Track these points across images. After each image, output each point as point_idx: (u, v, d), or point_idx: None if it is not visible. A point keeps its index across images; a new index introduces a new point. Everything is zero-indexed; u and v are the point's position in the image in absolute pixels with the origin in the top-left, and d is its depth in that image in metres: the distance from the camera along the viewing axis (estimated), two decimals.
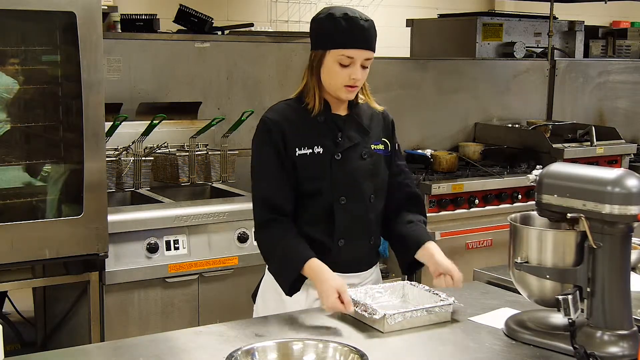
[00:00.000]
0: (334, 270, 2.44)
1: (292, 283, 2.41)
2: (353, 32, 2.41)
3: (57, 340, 3.94)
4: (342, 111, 2.54)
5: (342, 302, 2.27)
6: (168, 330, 2.26)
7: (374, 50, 2.47)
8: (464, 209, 4.52)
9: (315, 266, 2.37)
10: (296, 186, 2.47)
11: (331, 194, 2.47)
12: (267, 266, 2.57)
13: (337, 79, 2.44)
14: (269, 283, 2.58)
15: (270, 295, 2.58)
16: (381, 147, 2.58)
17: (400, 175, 2.65)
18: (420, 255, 2.52)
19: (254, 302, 2.66)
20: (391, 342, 2.17)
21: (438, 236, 4.39)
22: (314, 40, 2.49)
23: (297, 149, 2.46)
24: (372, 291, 2.43)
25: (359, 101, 2.58)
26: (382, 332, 2.21)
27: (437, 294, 2.37)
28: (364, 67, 2.45)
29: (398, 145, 2.68)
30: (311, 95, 2.49)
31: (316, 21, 2.49)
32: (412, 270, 2.63)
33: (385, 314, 2.20)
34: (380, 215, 2.60)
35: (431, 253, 2.49)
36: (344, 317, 2.33)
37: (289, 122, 2.48)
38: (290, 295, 2.45)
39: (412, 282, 2.51)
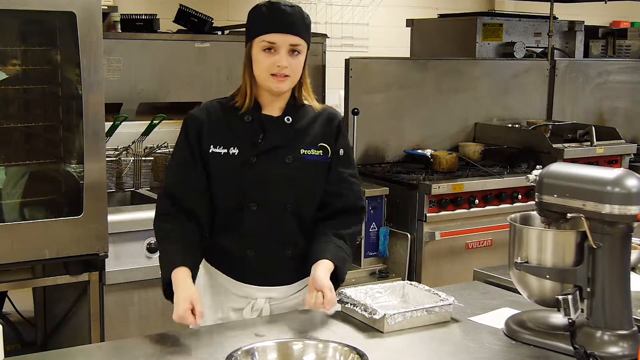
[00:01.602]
0: (245, 282, 2.39)
1: (165, 287, 2.30)
2: (273, 16, 2.31)
3: (57, 340, 3.93)
4: (275, 112, 2.40)
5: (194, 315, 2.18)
6: (168, 330, 2.26)
7: (302, 37, 2.33)
8: (464, 209, 4.51)
9: (177, 276, 2.26)
10: (209, 187, 2.37)
11: (242, 199, 2.34)
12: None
13: (262, 68, 2.32)
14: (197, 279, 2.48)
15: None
16: (316, 152, 2.40)
17: (341, 184, 2.44)
18: (311, 269, 2.33)
19: None
20: (391, 342, 2.17)
21: (438, 236, 4.39)
22: (246, 37, 2.39)
23: (211, 146, 2.35)
24: (372, 291, 2.43)
25: (304, 103, 2.44)
26: (382, 332, 2.21)
27: (437, 294, 2.37)
28: (293, 55, 2.32)
29: (345, 151, 2.47)
30: (242, 92, 2.39)
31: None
32: None
33: (385, 314, 2.20)
34: (306, 224, 2.42)
35: (316, 267, 2.31)
36: (344, 317, 2.33)
37: (211, 119, 2.38)
38: (167, 298, 2.31)
39: (412, 282, 2.51)
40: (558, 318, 2.12)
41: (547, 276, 2.09)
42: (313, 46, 4.85)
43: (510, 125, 5.61)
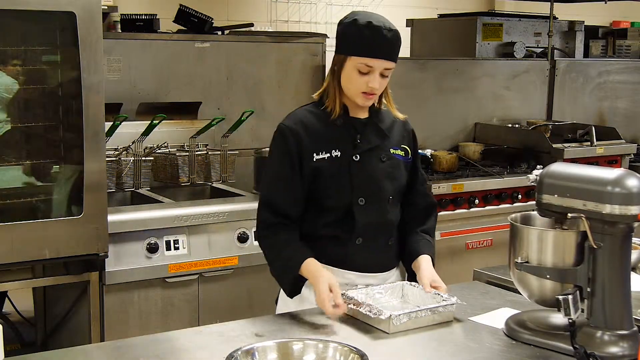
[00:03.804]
0: (348, 269, 2.50)
1: (291, 285, 2.45)
2: (374, 41, 2.40)
3: (57, 340, 3.93)
4: (362, 114, 2.55)
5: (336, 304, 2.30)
6: (168, 330, 2.26)
7: (395, 61, 2.46)
8: (464, 209, 4.52)
9: (310, 267, 2.40)
10: (314, 191, 2.48)
11: (350, 195, 2.47)
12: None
13: (354, 86, 2.45)
14: None
15: (290, 299, 2.57)
16: (401, 152, 2.59)
17: (424, 184, 2.71)
18: (414, 267, 2.57)
19: (276, 306, 2.66)
20: (392, 342, 2.16)
21: (438, 236, 4.39)
22: (338, 44, 2.49)
23: (314, 154, 2.47)
24: (372, 292, 2.43)
25: (382, 107, 2.58)
26: (387, 333, 2.20)
27: (437, 294, 2.37)
28: (383, 76, 2.45)
29: (418, 155, 2.71)
30: (331, 98, 2.50)
31: (341, 25, 2.49)
32: (413, 278, 2.64)
33: (391, 315, 2.19)
34: (398, 217, 2.61)
35: (418, 266, 2.53)
36: (345, 318, 2.32)
37: (306, 128, 2.48)
38: (292, 297, 2.48)
39: (412, 283, 2.51)
40: (558, 318, 2.12)
41: (547, 276, 2.09)
42: (313, 46, 4.92)
43: (510, 125, 5.61)
